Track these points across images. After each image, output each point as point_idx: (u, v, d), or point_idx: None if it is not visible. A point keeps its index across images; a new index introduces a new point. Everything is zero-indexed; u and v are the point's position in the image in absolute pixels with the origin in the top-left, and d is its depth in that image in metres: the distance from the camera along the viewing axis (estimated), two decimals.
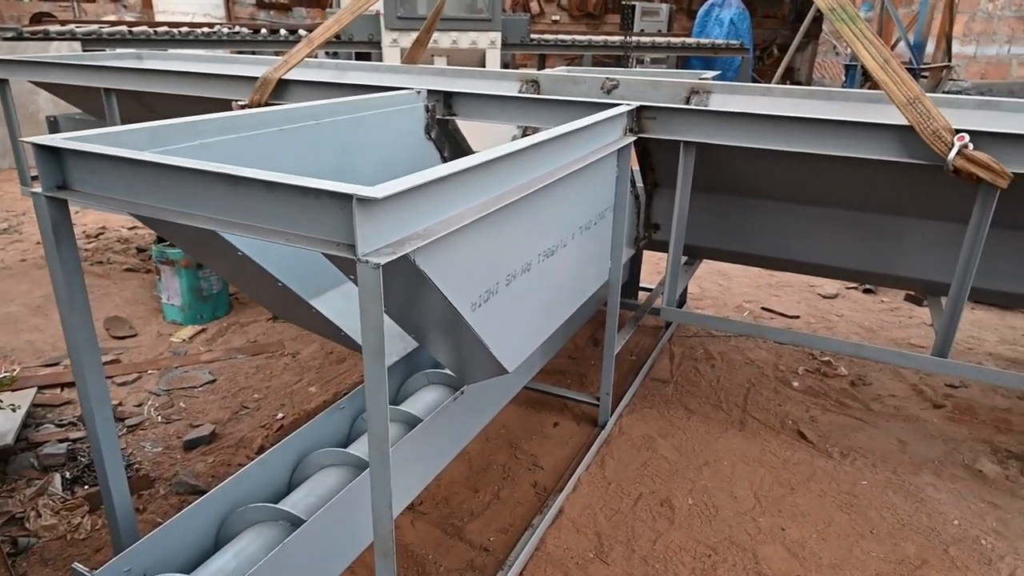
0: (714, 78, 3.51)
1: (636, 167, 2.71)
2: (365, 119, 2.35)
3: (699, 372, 3.11)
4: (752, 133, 2.25)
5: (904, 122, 2.03)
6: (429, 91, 2.63)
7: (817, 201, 2.58)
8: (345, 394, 2.10)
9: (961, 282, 2.17)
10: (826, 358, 3.23)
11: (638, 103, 2.34)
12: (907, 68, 5.77)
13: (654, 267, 4.09)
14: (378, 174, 2.07)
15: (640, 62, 10.75)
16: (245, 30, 7.40)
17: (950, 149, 1.96)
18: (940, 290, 2.50)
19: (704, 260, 3.16)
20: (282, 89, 2.81)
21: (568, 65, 11.28)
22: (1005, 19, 7.44)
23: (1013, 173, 1.96)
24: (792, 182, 2.56)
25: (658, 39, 9.15)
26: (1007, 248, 2.37)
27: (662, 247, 2.79)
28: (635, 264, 3.50)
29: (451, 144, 2.83)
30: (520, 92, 3.39)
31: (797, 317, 3.72)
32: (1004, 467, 2.50)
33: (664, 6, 12.00)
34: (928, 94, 2.14)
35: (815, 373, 3.10)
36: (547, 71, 3.75)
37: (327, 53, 8.22)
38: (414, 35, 7.45)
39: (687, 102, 3.13)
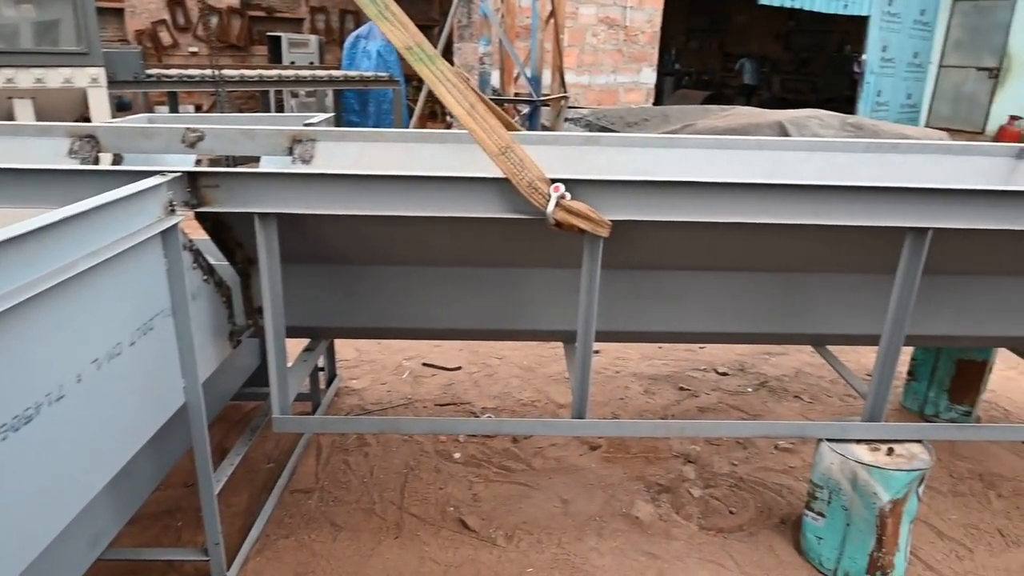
0: (371, 111, 3.13)
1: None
2: None
3: (350, 467, 2.65)
4: (344, 196, 1.84)
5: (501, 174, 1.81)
6: None
7: (439, 261, 2.28)
8: None
9: (585, 332, 2.03)
10: (487, 415, 3.02)
11: (184, 169, 1.78)
12: (528, 100, 6.20)
13: None
14: None
15: (295, 96, 10.13)
16: None
17: (548, 201, 1.78)
18: (575, 338, 2.39)
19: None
20: None
21: (213, 105, 10.15)
22: (608, 52, 8.53)
23: (612, 221, 1.84)
24: (408, 243, 2.23)
25: (303, 72, 8.63)
26: (625, 288, 2.33)
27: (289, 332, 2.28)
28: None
29: None
30: (71, 152, 2.60)
31: (459, 368, 3.49)
32: (656, 505, 2.48)
33: (313, 37, 11.55)
34: (537, 132, 1.97)
35: (477, 437, 2.85)
36: (115, 122, 2.99)
37: None
38: None
39: (290, 153, 2.67)
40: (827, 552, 2.21)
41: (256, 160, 2.85)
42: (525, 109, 6.07)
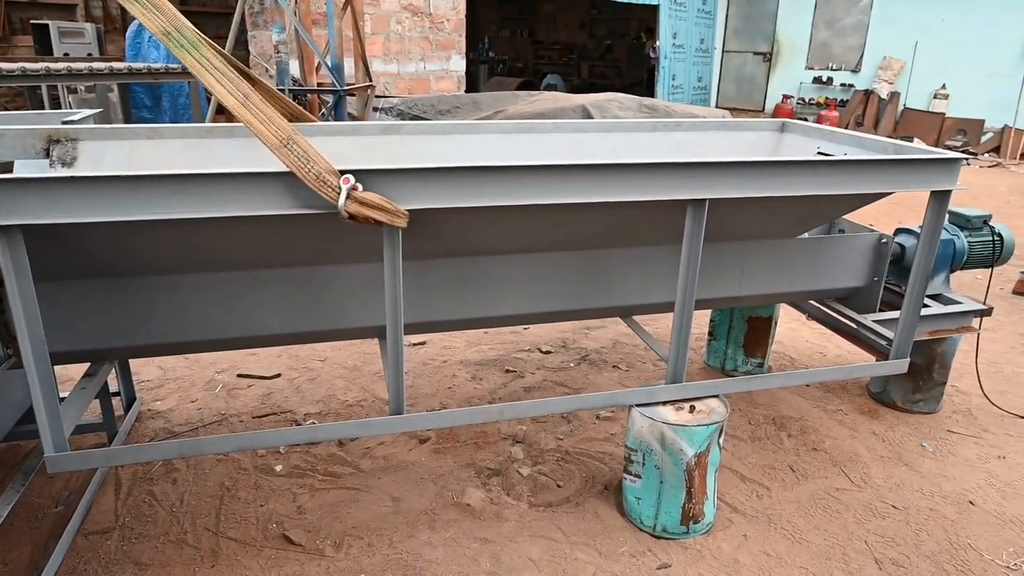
0: (166, 106, 2.76)
1: None
2: None
3: (155, 498, 2.40)
4: (109, 201, 1.62)
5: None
6: None
7: (235, 265, 2.11)
8: None
9: (394, 326, 1.97)
10: (311, 421, 2.89)
11: None
12: (331, 90, 5.98)
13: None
14: None
15: (73, 92, 9.00)
16: None
17: (339, 194, 1.70)
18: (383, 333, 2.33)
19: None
20: None
21: None
22: (415, 40, 8.46)
23: (410, 210, 1.80)
24: (195, 249, 2.03)
25: (77, 65, 7.68)
26: (437, 277, 2.30)
27: (60, 358, 1.99)
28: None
29: None
30: None
31: (278, 376, 3.29)
32: (487, 489, 2.50)
33: (89, 26, 10.32)
34: (332, 123, 1.86)
35: (299, 447, 2.71)
36: None
37: None
38: None
39: (47, 155, 2.34)
40: (646, 511, 2.35)
41: (9, 167, 2.48)
42: (330, 99, 5.84)
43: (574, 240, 2.40)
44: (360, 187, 1.73)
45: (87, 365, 2.25)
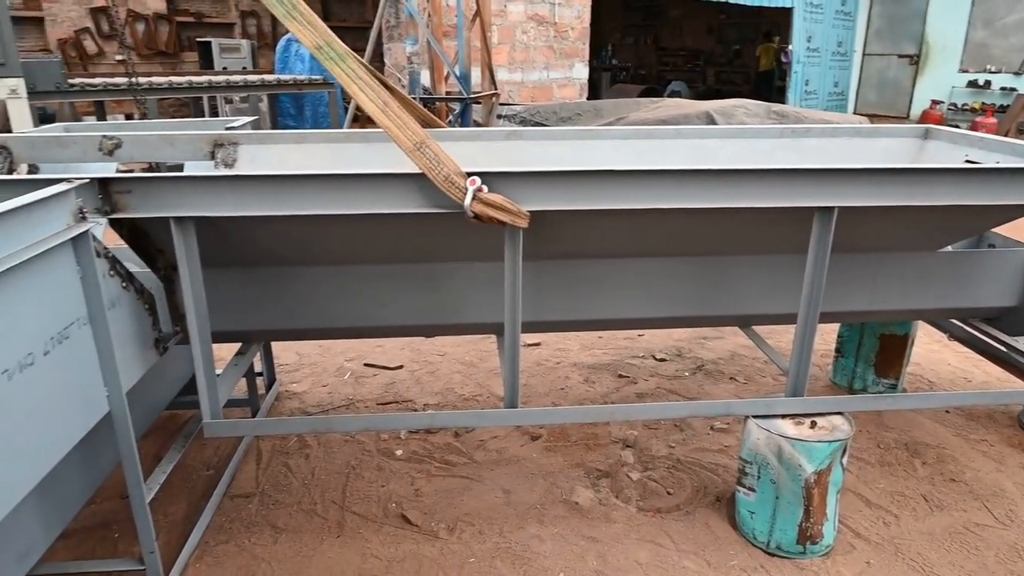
0: (307, 114, 3.07)
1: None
2: None
3: (290, 470, 2.63)
4: (264, 198, 1.83)
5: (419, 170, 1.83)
6: None
7: (368, 259, 2.28)
8: None
9: (512, 323, 2.06)
10: (429, 412, 3.04)
11: (92, 175, 1.74)
12: (459, 98, 6.22)
13: None
14: None
15: (229, 102, 9.91)
16: None
17: (465, 194, 1.80)
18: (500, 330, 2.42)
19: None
20: None
21: (145, 114, 9.87)
22: (539, 48, 8.62)
23: (531, 211, 1.88)
24: (335, 243, 2.22)
25: (234, 77, 8.46)
26: (553, 278, 2.37)
27: (217, 337, 2.24)
28: None
29: None
30: None
31: (401, 367, 3.49)
32: (596, 490, 2.53)
33: (244, 42, 11.31)
34: (459, 129, 1.99)
35: (418, 433, 2.86)
36: (28, 131, 2.89)
37: None
38: None
39: (212, 157, 2.63)
40: (759, 525, 2.29)
41: (181, 168, 2.80)
42: (457, 107, 6.08)
43: (693, 246, 2.39)
44: (485, 188, 1.82)
45: (236, 346, 2.51)
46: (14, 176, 2.41)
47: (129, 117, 10.56)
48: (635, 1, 17.66)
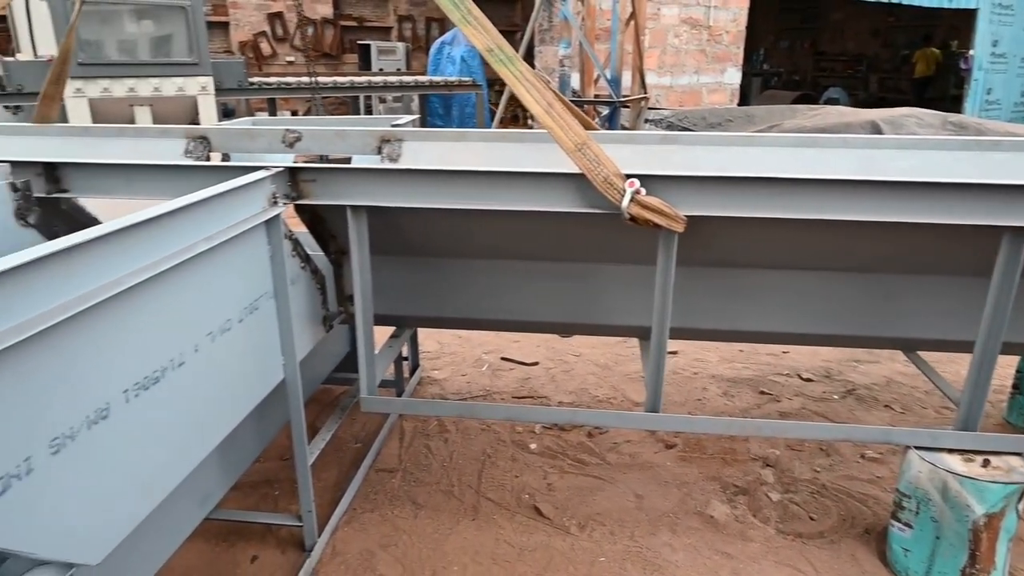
0: (455, 114, 3.25)
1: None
2: None
3: (431, 451, 2.76)
4: (428, 191, 1.94)
5: (578, 170, 1.86)
6: (18, 163, 1.99)
7: (518, 255, 2.35)
8: None
9: (660, 328, 2.05)
10: (569, 408, 3.07)
11: (286, 165, 1.93)
12: (608, 101, 6.20)
13: None
14: None
15: (383, 101, 10.52)
16: None
17: (623, 196, 1.81)
18: (649, 334, 2.40)
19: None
20: None
21: (309, 110, 10.66)
22: (691, 52, 8.42)
23: (687, 216, 1.86)
24: (488, 237, 2.31)
25: (391, 78, 8.95)
26: (703, 285, 2.33)
27: (376, 320, 2.41)
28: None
29: (72, 228, 2.19)
30: (187, 152, 2.84)
31: (536, 364, 3.55)
32: (733, 506, 2.45)
33: (400, 45, 11.94)
34: (614, 131, 2.01)
35: (552, 429, 2.90)
36: (223, 124, 3.23)
37: (7, 107, 6.84)
38: (103, 83, 6.45)
39: (379, 152, 2.81)
40: (914, 565, 2.13)
41: (347, 160, 3.02)
42: (605, 110, 6.08)
43: (854, 261, 2.26)
44: (643, 191, 1.83)
45: (388, 330, 2.67)
46: (220, 163, 2.70)
47: (294, 113, 11.48)
48: (792, 3, 16.80)
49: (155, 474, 1.43)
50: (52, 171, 2.03)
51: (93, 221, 2.27)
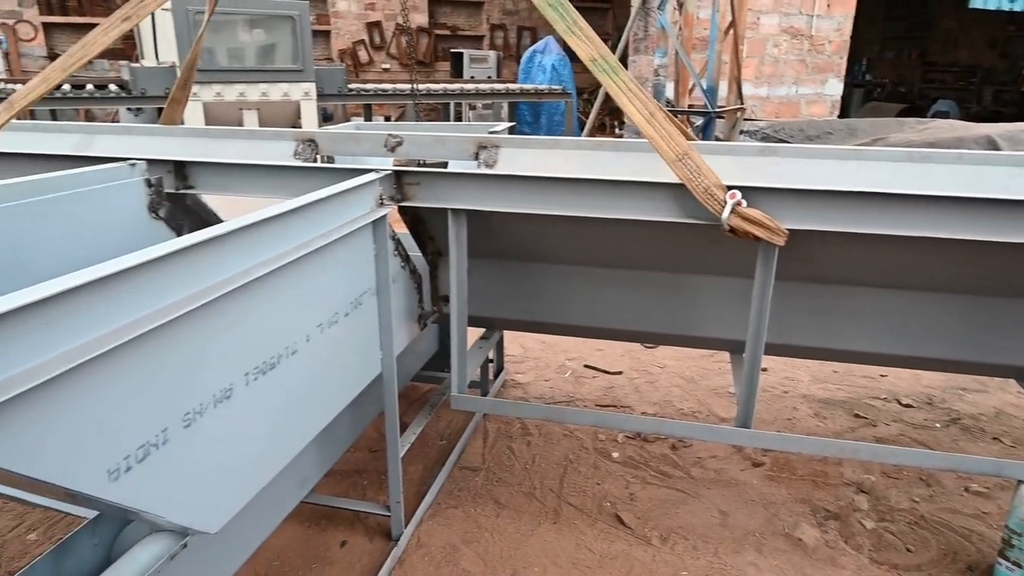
0: (543, 122, 3.30)
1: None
2: (51, 204, 1.86)
3: (513, 453, 2.80)
4: (526, 197, 1.99)
5: (677, 180, 1.86)
6: (153, 161, 2.18)
7: (610, 263, 2.37)
8: None
9: (755, 342, 2.02)
10: (657, 417, 3.05)
11: (393, 168, 2.02)
12: (703, 112, 6.09)
13: None
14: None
15: (472, 108, 10.73)
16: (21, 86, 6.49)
17: (723, 207, 1.80)
18: (742, 348, 2.37)
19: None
20: None
21: (401, 116, 11.00)
22: (790, 62, 8.15)
23: (788, 229, 1.83)
24: (580, 244, 2.34)
25: (482, 86, 9.12)
26: (800, 301, 2.27)
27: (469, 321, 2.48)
28: (444, 330, 3.18)
29: (195, 223, 2.37)
30: (296, 154, 3.00)
31: (620, 373, 3.54)
32: (823, 530, 2.37)
33: (492, 53, 12.14)
34: (711, 142, 2.00)
35: (635, 439, 2.89)
36: (328, 128, 3.39)
37: (129, 109, 7.42)
38: (216, 88, 6.89)
39: (476, 158, 2.88)
40: None
41: (444, 164, 3.12)
42: (699, 121, 5.99)
43: (963, 282, 2.15)
44: (744, 203, 1.81)
45: (478, 331, 2.73)
46: (332, 166, 2.84)
47: (387, 119, 11.87)
48: (899, 10, 16.00)
49: (267, 452, 1.53)
50: (181, 169, 2.20)
51: (213, 216, 2.44)
